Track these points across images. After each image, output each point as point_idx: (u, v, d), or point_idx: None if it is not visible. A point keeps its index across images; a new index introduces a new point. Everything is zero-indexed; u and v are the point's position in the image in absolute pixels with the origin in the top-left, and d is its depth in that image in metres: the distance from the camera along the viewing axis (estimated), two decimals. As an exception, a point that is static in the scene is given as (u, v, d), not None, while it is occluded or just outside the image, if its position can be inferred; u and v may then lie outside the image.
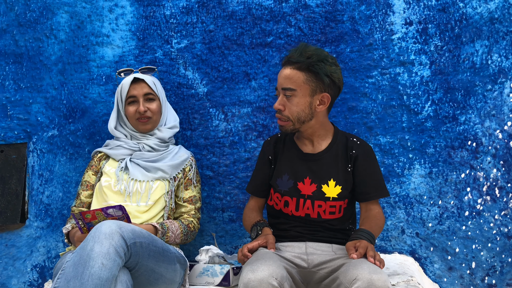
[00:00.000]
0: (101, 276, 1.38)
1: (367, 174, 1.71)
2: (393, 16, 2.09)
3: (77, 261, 1.40)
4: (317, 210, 1.70)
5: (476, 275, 1.99)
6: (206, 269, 1.85)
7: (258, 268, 1.42)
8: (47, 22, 2.33)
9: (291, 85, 1.64)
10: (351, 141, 1.74)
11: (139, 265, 1.54)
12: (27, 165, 2.32)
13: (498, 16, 2.02)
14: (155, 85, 2.04)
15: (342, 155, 1.72)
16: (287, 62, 1.67)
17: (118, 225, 1.48)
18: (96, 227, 1.47)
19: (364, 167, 1.71)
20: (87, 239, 1.44)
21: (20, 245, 2.29)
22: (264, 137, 2.18)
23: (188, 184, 2.01)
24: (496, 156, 2.00)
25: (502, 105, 2.00)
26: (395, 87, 2.08)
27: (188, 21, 2.25)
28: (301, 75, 1.64)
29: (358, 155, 1.71)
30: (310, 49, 1.65)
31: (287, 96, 1.65)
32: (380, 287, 1.35)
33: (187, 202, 2.00)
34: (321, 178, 1.70)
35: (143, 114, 1.98)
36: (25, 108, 2.33)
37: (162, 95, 2.07)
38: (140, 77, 2.01)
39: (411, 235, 2.05)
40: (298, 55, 1.63)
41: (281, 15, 2.18)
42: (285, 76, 1.65)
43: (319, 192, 1.69)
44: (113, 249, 1.42)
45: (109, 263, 1.40)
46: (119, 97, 2.03)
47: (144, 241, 1.54)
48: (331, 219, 1.71)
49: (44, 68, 2.33)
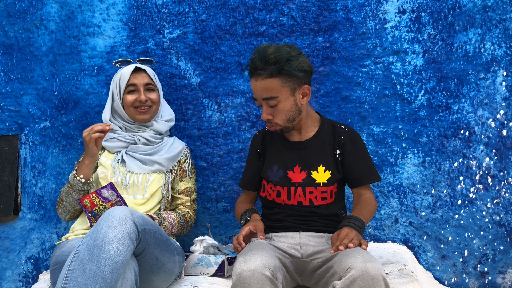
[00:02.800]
0: (117, 260, 1.38)
1: (356, 160, 1.72)
2: (386, 4, 2.08)
3: (91, 244, 1.39)
4: (309, 196, 1.71)
5: (469, 263, 2.00)
6: (201, 259, 1.86)
7: (251, 259, 1.43)
8: (37, 13, 2.30)
9: (271, 94, 1.62)
10: (339, 127, 1.76)
11: (146, 251, 1.55)
12: (19, 157, 2.31)
13: (491, 4, 2.01)
14: (155, 76, 2.05)
15: (330, 142, 1.74)
16: (255, 73, 1.63)
17: (129, 211, 1.48)
18: (109, 212, 1.47)
19: (353, 153, 1.73)
20: (100, 223, 1.44)
21: (14, 237, 2.29)
22: (257, 127, 2.18)
23: (183, 175, 2.01)
24: (488, 145, 2.00)
25: (494, 93, 2.00)
26: (388, 76, 2.08)
27: (180, 10, 2.23)
28: (276, 80, 1.61)
29: (346, 141, 1.73)
30: (271, 52, 1.60)
31: (271, 105, 1.64)
32: (374, 276, 1.36)
33: (182, 194, 2.01)
34: (310, 165, 1.72)
35: (144, 103, 1.97)
36: (16, 99, 2.31)
37: (160, 87, 2.07)
38: (141, 67, 2.01)
39: (404, 224, 2.06)
40: (264, 64, 1.60)
41: (274, 4, 2.16)
42: (261, 87, 1.62)
43: (309, 178, 1.71)
44: (126, 234, 1.42)
45: (123, 247, 1.41)
46: (116, 86, 2.00)
47: (152, 228, 1.55)
48: (323, 204, 1.72)
49: (34, 59, 2.30)
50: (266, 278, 1.39)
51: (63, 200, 1.87)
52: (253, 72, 1.63)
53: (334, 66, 2.11)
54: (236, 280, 1.41)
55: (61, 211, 1.92)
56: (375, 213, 1.74)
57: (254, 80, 1.64)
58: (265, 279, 1.39)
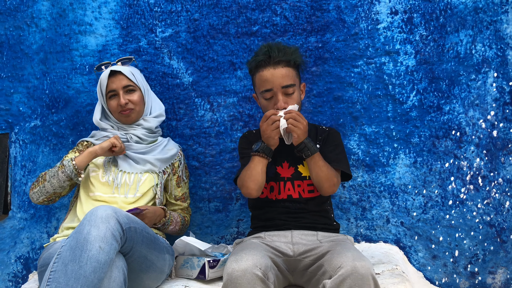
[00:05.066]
0: (99, 259, 1.37)
1: (331, 148, 1.83)
2: (378, 5, 2.09)
3: (74, 244, 1.39)
4: (298, 190, 1.78)
5: (459, 263, 2.02)
6: (186, 261, 1.84)
7: (242, 258, 1.43)
8: (27, 10, 2.29)
9: (291, 81, 1.74)
10: (320, 128, 1.91)
11: (133, 250, 1.55)
12: (9, 156, 2.28)
13: (482, 5, 2.02)
14: (134, 75, 2.00)
15: (313, 138, 1.82)
16: (273, 62, 1.73)
17: (113, 210, 1.48)
18: (92, 211, 1.46)
19: (329, 143, 1.84)
20: (82, 223, 1.43)
21: (4, 237, 2.27)
22: (250, 127, 2.17)
23: (179, 181, 2.02)
24: (479, 146, 2.01)
25: (485, 94, 2.02)
26: (380, 76, 2.08)
27: (173, 9, 2.22)
28: (291, 70, 1.76)
29: (325, 137, 1.86)
30: (284, 46, 1.77)
31: (288, 93, 1.74)
32: (364, 274, 1.37)
33: (180, 200, 2.04)
34: (296, 160, 1.81)
35: (125, 106, 1.95)
36: (6, 98, 2.29)
37: (143, 84, 2.03)
38: (117, 69, 1.97)
39: (395, 224, 2.07)
40: (283, 53, 1.74)
41: (266, 4, 2.16)
42: (281, 75, 1.73)
43: (297, 173, 1.80)
44: (110, 233, 1.42)
45: (106, 246, 1.40)
46: (99, 92, 2.00)
47: (138, 227, 1.55)
48: (311, 197, 1.78)
49: (25, 57, 2.28)
50: (257, 278, 1.39)
51: (46, 180, 1.84)
52: (271, 62, 1.73)
53: (326, 66, 2.12)
54: (227, 280, 1.41)
55: (36, 191, 1.86)
56: (329, 181, 1.71)
57: (272, 69, 1.73)
58: (256, 279, 1.39)
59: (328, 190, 1.73)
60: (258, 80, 1.77)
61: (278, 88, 1.73)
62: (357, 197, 2.09)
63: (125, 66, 2.03)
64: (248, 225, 2.16)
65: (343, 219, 2.10)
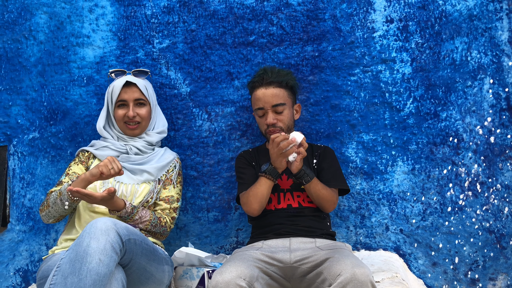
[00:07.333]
0: (99, 272, 1.37)
1: (327, 166, 1.91)
2: (374, 14, 2.10)
3: (73, 257, 1.39)
4: (297, 200, 1.86)
5: (460, 270, 2.01)
6: (186, 272, 1.85)
7: (227, 270, 1.48)
8: (25, 23, 2.30)
9: (281, 100, 1.87)
10: (315, 145, 2.00)
11: (132, 262, 1.54)
12: (7, 168, 2.29)
13: (476, 13, 2.04)
14: (147, 89, 2.02)
15: (309, 155, 1.91)
16: (266, 83, 1.88)
17: (112, 222, 1.47)
18: (91, 224, 1.46)
19: (325, 161, 1.93)
20: (82, 236, 1.43)
21: (2, 249, 2.26)
22: (248, 136, 2.18)
23: (167, 183, 1.99)
24: (477, 152, 2.02)
25: (482, 101, 2.03)
26: (377, 84, 2.09)
27: (170, 20, 2.24)
28: (284, 91, 1.90)
29: (321, 153, 1.95)
30: (279, 69, 1.93)
31: (278, 112, 1.87)
32: (363, 281, 1.40)
33: (163, 201, 1.95)
34: None
35: (132, 119, 1.96)
36: (4, 110, 2.30)
37: (153, 99, 2.05)
38: (133, 81, 1.98)
39: (395, 231, 2.06)
40: (276, 75, 1.89)
41: (263, 14, 2.17)
42: (272, 94, 1.87)
43: (295, 184, 1.87)
44: (109, 245, 1.42)
45: (106, 259, 1.40)
46: (109, 98, 2.00)
47: (137, 239, 1.54)
48: (311, 207, 1.85)
49: (23, 70, 2.29)
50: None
51: (50, 206, 1.84)
52: (263, 82, 1.89)
53: (323, 75, 2.13)
54: None
55: (44, 214, 1.86)
56: (329, 202, 1.82)
57: (264, 89, 1.89)
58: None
59: (329, 208, 1.84)
60: (253, 99, 1.95)
61: (268, 107, 1.88)
62: (356, 205, 2.09)
63: (140, 78, 2.04)
64: (247, 234, 2.15)
65: (342, 227, 2.09)
